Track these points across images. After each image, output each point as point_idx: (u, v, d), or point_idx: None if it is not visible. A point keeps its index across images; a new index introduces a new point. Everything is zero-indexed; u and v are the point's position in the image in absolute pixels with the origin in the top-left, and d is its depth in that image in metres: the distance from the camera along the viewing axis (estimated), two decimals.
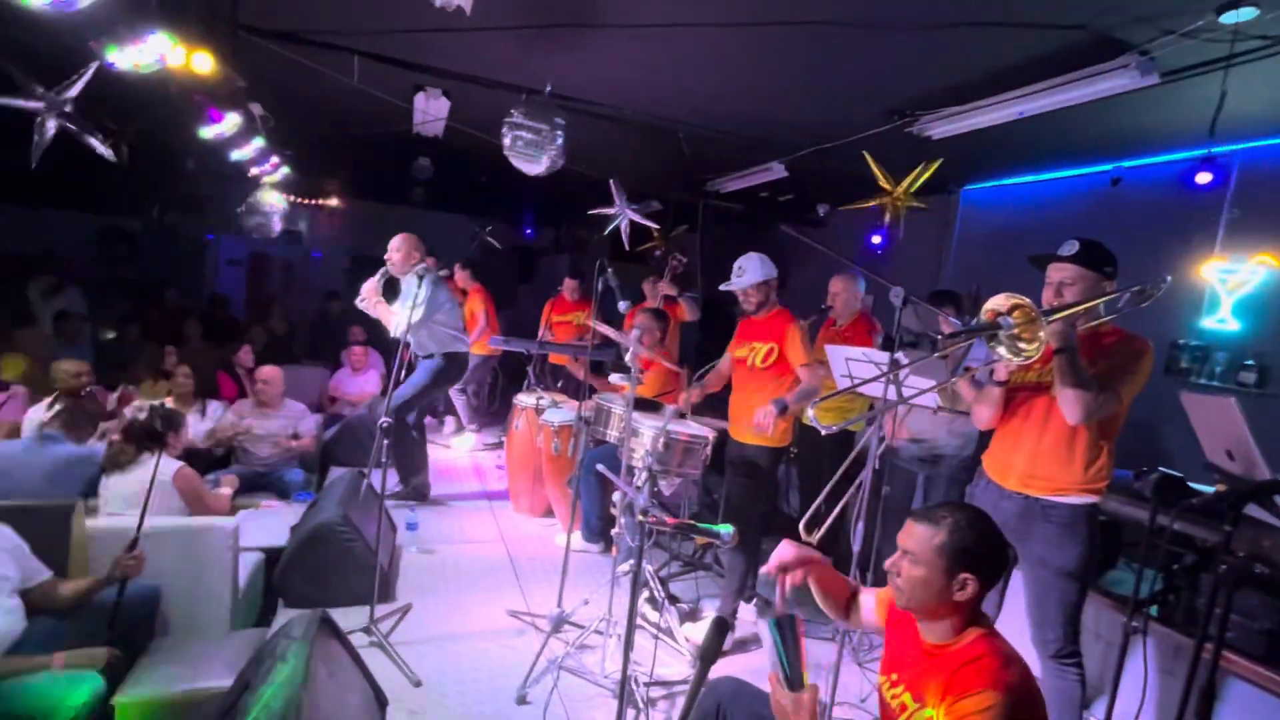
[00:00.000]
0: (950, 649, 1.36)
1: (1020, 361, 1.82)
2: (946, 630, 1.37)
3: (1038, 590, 2.13)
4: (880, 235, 5.11)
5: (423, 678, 2.40)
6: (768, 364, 2.86)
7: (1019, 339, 1.79)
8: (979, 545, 1.35)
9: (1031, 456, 2.10)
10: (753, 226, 6.64)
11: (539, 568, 3.42)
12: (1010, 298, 1.78)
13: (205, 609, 2.51)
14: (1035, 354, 1.75)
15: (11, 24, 1.61)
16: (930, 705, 1.31)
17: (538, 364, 4.88)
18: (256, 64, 3.28)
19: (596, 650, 2.59)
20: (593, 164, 4.64)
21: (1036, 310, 1.75)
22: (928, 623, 1.40)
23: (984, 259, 4.91)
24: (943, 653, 1.37)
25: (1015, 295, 1.77)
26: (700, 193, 6.01)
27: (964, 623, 1.37)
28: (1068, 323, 1.87)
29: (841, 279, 3.47)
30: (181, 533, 2.52)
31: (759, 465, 2.93)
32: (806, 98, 3.62)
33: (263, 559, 2.99)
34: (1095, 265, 1.95)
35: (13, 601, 1.99)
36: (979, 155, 4.23)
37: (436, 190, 6.97)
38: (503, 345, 4.72)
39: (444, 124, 4.24)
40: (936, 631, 1.39)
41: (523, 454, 4.04)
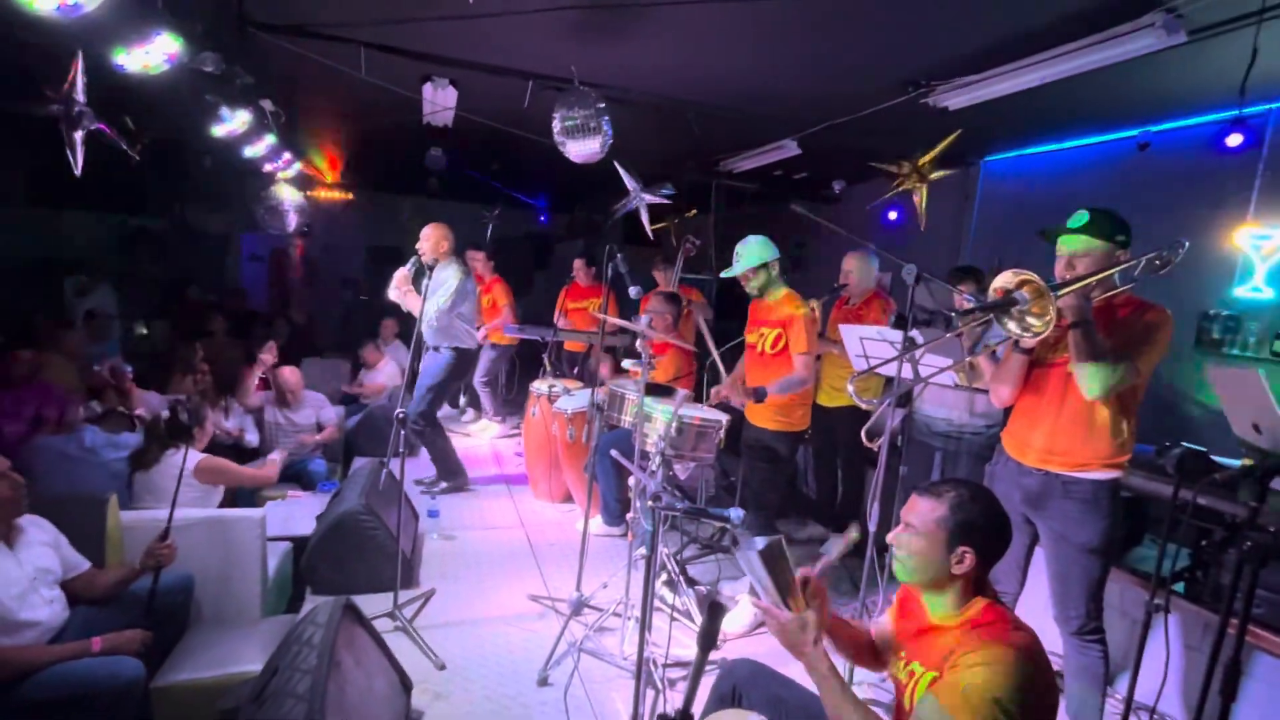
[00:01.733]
0: (957, 619, 1.37)
1: (1030, 338, 1.79)
2: (951, 602, 1.39)
3: (1059, 567, 2.11)
4: (896, 211, 5.00)
5: (446, 661, 2.46)
6: (777, 349, 2.85)
7: (1028, 314, 1.76)
8: (979, 520, 1.36)
9: (1050, 432, 2.07)
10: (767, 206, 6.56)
11: (558, 552, 3.47)
12: (1018, 274, 1.75)
13: (236, 596, 2.59)
14: (1045, 329, 1.73)
15: (22, 30, 1.65)
16: (936, 668, 1.32)
17: (553, 351, 4.90)
18: (265, 60, 3.31)
19: (615, 632, 2.63)
20: None
21: (1045, 285, 1.72)
22: (932, 595, 1.42)
23: (1007, 232, 4.78)
24: (951, 622, 1.38)
25: (1022, 271, 1.74)
26: (712, 173, 5.93)
27: (968, 595, 1.38)
28: (1081, 295, 1.83)
29: (854, 257, 3.42)
30: (211, 523, 2.60)
31: (776, 450, 2.93)
32: (818, 72, 3.54)
33: (290, 548, 3.08)
34: (1106, 235, 1.89)
35: (55, 592, 2.08)
36: (999, 125, 4.11)
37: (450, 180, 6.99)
38: (518, 334, 4.76)
39: (453, 113, 4.23)
40: (942, 604, 1.40)
41: (539, 441, 4.08)
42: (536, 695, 2.33)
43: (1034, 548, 2.31)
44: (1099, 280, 1.89)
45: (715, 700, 1.69)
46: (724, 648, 2.70)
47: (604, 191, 6.76)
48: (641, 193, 4.53)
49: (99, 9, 1.52)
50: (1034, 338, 1.79)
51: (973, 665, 1.24)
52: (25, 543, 2.03)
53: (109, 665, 1.91)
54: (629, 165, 4.53)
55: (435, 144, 5.21)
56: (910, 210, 3.87)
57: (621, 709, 2.27)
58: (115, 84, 2.46)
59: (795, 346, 2.80)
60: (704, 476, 4.04)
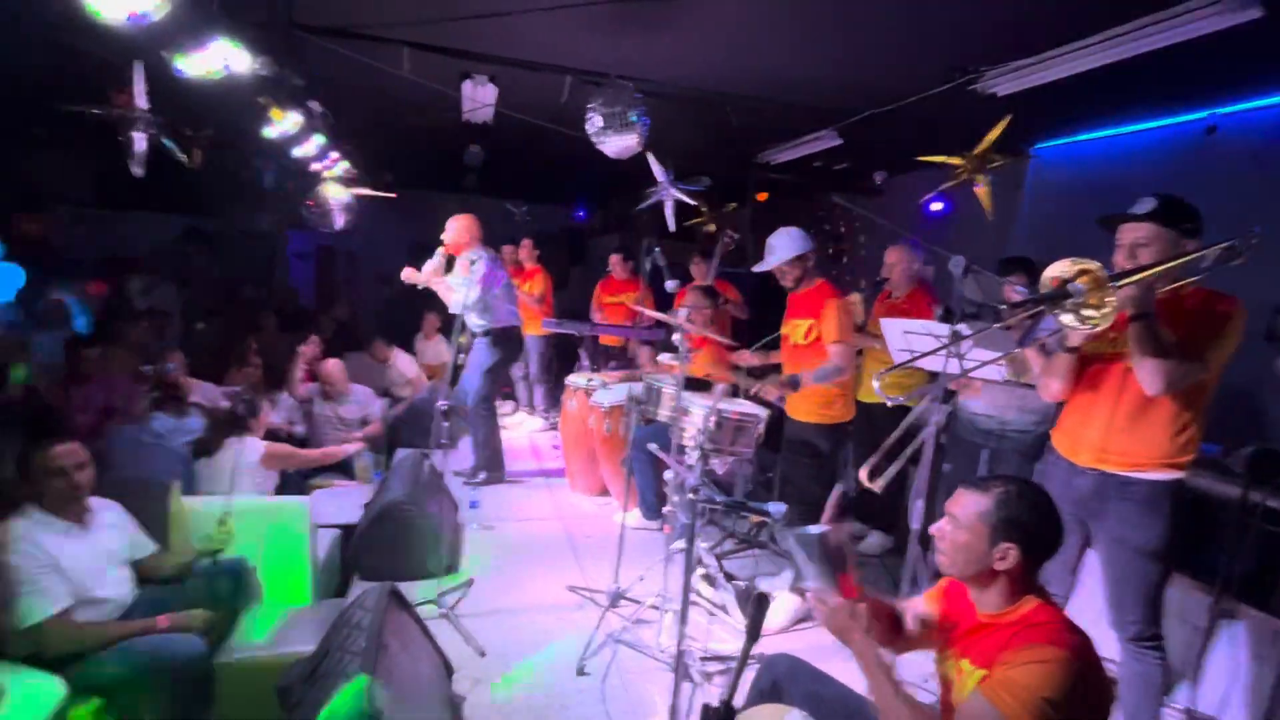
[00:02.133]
0: (1007, 616, 1.34)
1: (1087, 330, 1.72)
2: (999, 599, 1.36)
3: (1115, 571, 2.03)
4: (940, 202, 4.86)
5: (487, 648, 2.52)
6: (809, 341, 2.82)
7: (1085, 306, 1.69)
8: (1026, 517, 1.33)
9: (1106, 430, 1.99)
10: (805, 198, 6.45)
11: (596, 545, 3.50)
12: (1076, 263, 1.68)
13: (289, 580, 2.70)
14: (1103, 322, 1.65)
15: (87, 38, 1.74)
16: (985, 666, 1.30)
17: (590, 345, 4.94)
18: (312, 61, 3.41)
19: (653, 625, 2.64)
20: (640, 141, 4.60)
21: (1105, 275, 1.64)
22: (979, 592, 1.40)
23: (1060, 223, 4.58)
24: (999, 620, 1.35)
25: (1081, 260, 1.67)
26: (750, 166, 5.86)
27: (1017, 592, 1.35)
28: (1144, 286, 1.74)
29: (897, 249, 3.35)
30: (265, 509, 2.71)
31: (817, 445, 2.90)
32: (859, 60, 3.46)
33: (339, 535, 3.19)
34: (1173, 222, 1.80)
35: (124, 571, 2.20)
36: (1052, 110, 3.95)
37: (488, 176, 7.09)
38: (555, 328, 4.80)
39: (493, 110, 4.29)
40: (990, 601, 1.38)
41: (577, 435, 4.12)
42: (574, 684, 2.37)
43: (1085, 550, 2.23)
44: (1163, 271, 1.80)
45: (755, 695, 1.69)
46: (761, 642, 2.68)
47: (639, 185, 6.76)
48: (670, 186, 4.51)
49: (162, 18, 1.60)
50: (1091, 329, 1.72)
51: (1024, 664, 1.21)
52: (97, 524, 2.16)
53: (174, 642, 2.02)
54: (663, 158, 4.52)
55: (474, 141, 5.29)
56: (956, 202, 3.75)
57: (658, 700, 2.29)
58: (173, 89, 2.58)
59: (828, 335, 2.76)
60: (741, 472, 4.01)
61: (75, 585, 1.98)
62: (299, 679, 1.74)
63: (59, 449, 2.06)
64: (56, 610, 1.91)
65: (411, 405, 4.82)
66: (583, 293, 8.00)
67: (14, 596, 1.86)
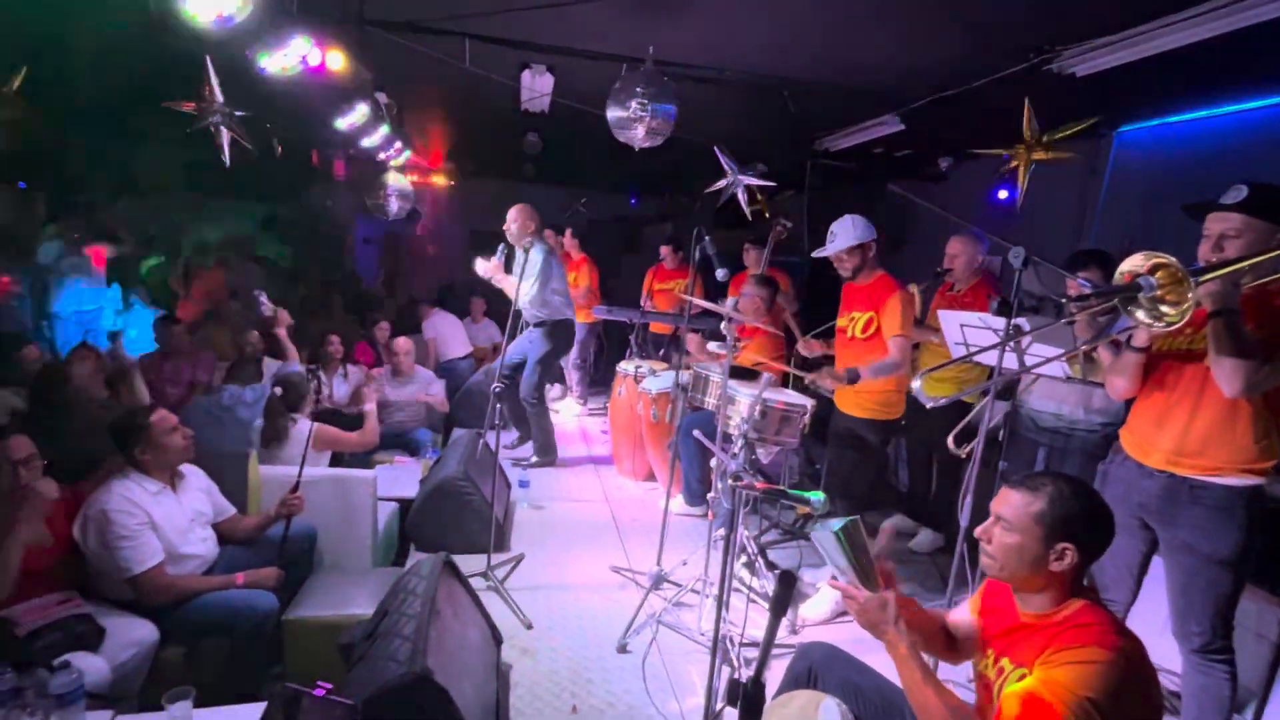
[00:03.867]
0: (1053, 617, 1.31)
1: (1162, 328, 1.63)
2: (1046, 601, 1.33)
3: (1182, 578, 1.94)
4: (1008, 190, 4.63)
5: (533, 620, 2.63)
6: (867, 334, 2.77)
7: (1161, 302, 1.61)
8: (1081, 515, 1.29)
9: (1180, 432, 1.90)
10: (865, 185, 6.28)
11: (640, 528, 3.57)
12: (1151, 256, 1.60)
13: (352, 547, 2.89)
14: (1179, 319, 1.57)
15: (177, 37, 1.89)
16: (1026, 665, 1.28)
17: (639, 332, 4.99)
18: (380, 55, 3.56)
19: (693, 609, 2.69)
20: (694, 129, 4.59)
21: (1184, 270, 1.56)
22: (1025, 594, 1.37)
23: (1142, 211, 4.31)
24: (1044, 621, 1.32)
25: (1157, 253, 1.59)
26: (807, 152, 5.75)
27: (1065, 593, 1.32)
28: (1228, 281, 1.64)
29: (960, 240, 3.23)
30: (333, 480, 2.90)
31: (866, 439, 2.86)
32: (925, 42, 3.33)
33: (397, 508, 3.37)
34: (1266, 213, 1.68)
35: (208, 532, 2.41)
36: (1137, 90, 3.70)
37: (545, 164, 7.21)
38: (605, 314, 4.87)
39: (549, 99, 4.37)
40: (1035, 602, 1.35)
41: (625, 420, 4.19)
42: (615, 660, 2.44)
43: (1151, 556, 2.13)
44: (1251, 265, 1.68)
45: (790, 680, 1.70)
46: (803, 634, 2.69)
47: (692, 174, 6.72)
48: (739, 175, 4.47)
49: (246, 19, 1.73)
50: (1166, 328, 1.64)
51: (1067, 663, 1.19)
52: (185, 488, 2.37)
53: (250, 597, 2.21)
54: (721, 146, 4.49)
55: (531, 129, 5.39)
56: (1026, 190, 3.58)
57: (697, 681, 2.33)
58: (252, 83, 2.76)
59: (889, 329, 2.70)
60: (787, 462, 3.99)
61: (167, 542, 2.18)
62: (360, 637, 1.87)
63: (156, 416, 2.27)
64: (153, 564, 2.11)
65: (466, 387, 5.00)
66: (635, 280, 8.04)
67: (116, 550, 2.07)
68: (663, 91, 3.31)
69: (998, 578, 1.39)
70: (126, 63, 3.76)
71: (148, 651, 2.05)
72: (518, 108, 4.50)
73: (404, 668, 1.56)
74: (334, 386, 4.24)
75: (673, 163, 5.93)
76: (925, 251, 6.14)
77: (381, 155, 4.63)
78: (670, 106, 3.29)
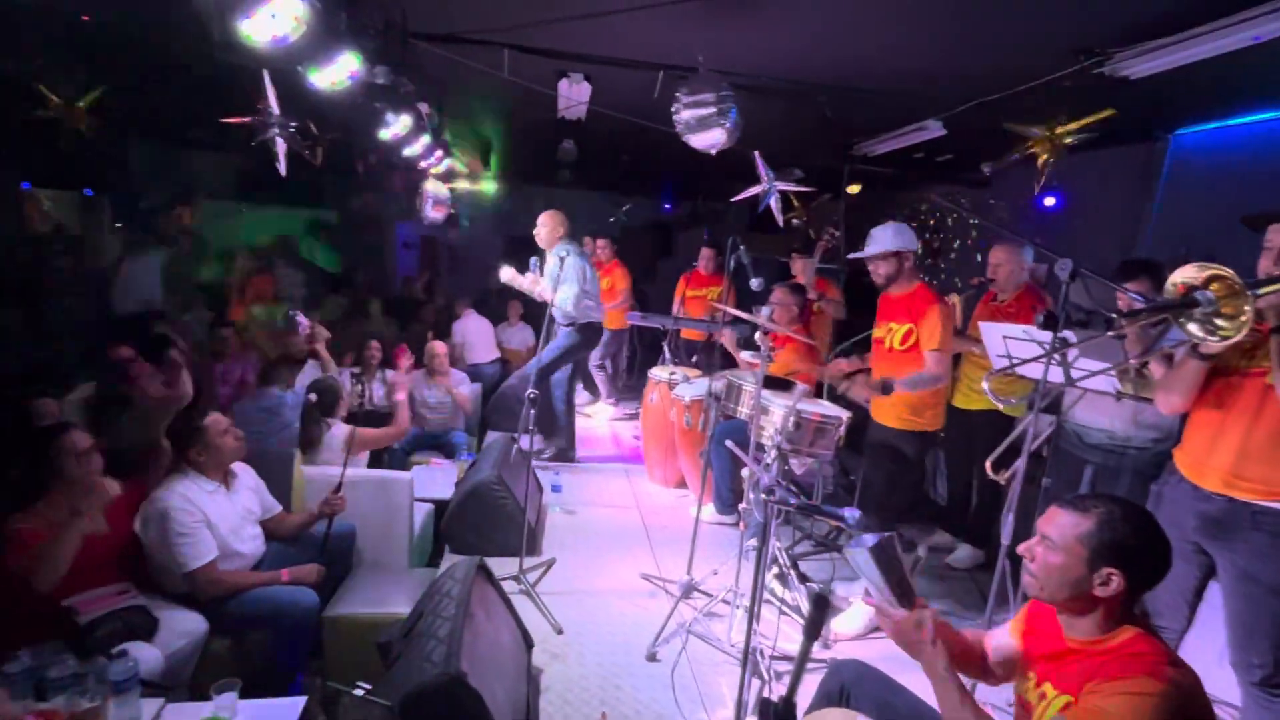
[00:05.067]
0: (1102, 644, 1.27)
1: (1217, 342, 1.57)
2: (1093, 627, 1.29)
3: (1241, 607, 1.87)
4: (1055, 196, 4.49)
5: (564, 626, 2.65)
6: (906, 346, 2.72)
7: (1217, 315, 1.55)
8: (1132, 541, 1.24)
9: (1239, 453, 1.82)
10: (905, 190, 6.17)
11: (671, 535, 3.57)
12: (1205, 268, 1.54)
13: (389, 547, 2.97)
14: (1235, 333, 1.51)
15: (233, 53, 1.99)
16: (1072, 693, 1.24)
17: (672, 338, 4.99)
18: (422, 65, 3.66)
19: (724, 619, 2.68)
20: None
21: (1241, 282, 1.50)
22: (1070, 618, 1.33)
23: (1200, 219, 4.13)
24: (1092, 648, 1.28)
25: (1211, 265, 1.53)
26: (845, 157, 5.68)
27: (1114, 620, 1.27)
28: None
29: (1004, 248, 3.15)
30: (372, 482, 2.99)
31: (902, 450, 2.81)
32: (970, 45, 3.27)
33: (433, 509, 3.46)
34: None
35: (256, 529, 2.52)
36: (1195, 92, 3.55)
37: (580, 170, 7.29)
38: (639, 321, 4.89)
39: (586, 107, 4.42)
40: (1082, 628, 1.30)
41: (657, 426, 4.20)
42: (645, 669, 2.45)
43: (1207, 581, 2.04)
44: None
45: (821, 697, 1.69)
46: (835, 649, 2.66)
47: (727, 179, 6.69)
48: (775, 181, 4.45)
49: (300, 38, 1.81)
50: (1221, 342, 1.58)
51: (1117, 694, 1.15)
52: (237, 487, 2.48)
53: (294, 594, 2.29)
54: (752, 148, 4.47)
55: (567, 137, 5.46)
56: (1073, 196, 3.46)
57: (726, 693, 2.33)
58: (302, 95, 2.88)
59: (928, 342, 2.66)
60: (822, 472, 3.94)
61: (220, 539, 2.29)
62: (396, 636, 1.93)
63: (210, 419, 2.38)
64: (207, 560, 2.21)
65: (501, 391, 5.09)
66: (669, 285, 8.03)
67: (174, 546, 2.17)
68: (717, 92, 3.34)
69: (1038, 598, 1.36)
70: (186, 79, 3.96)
71: (197, 642, 2.15)
72: (554, 115, 4.57)
73: (439, 669, 1.60)
74: (373, 391, 4.36)
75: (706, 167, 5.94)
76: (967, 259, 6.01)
77: (423, 164, 4.75)
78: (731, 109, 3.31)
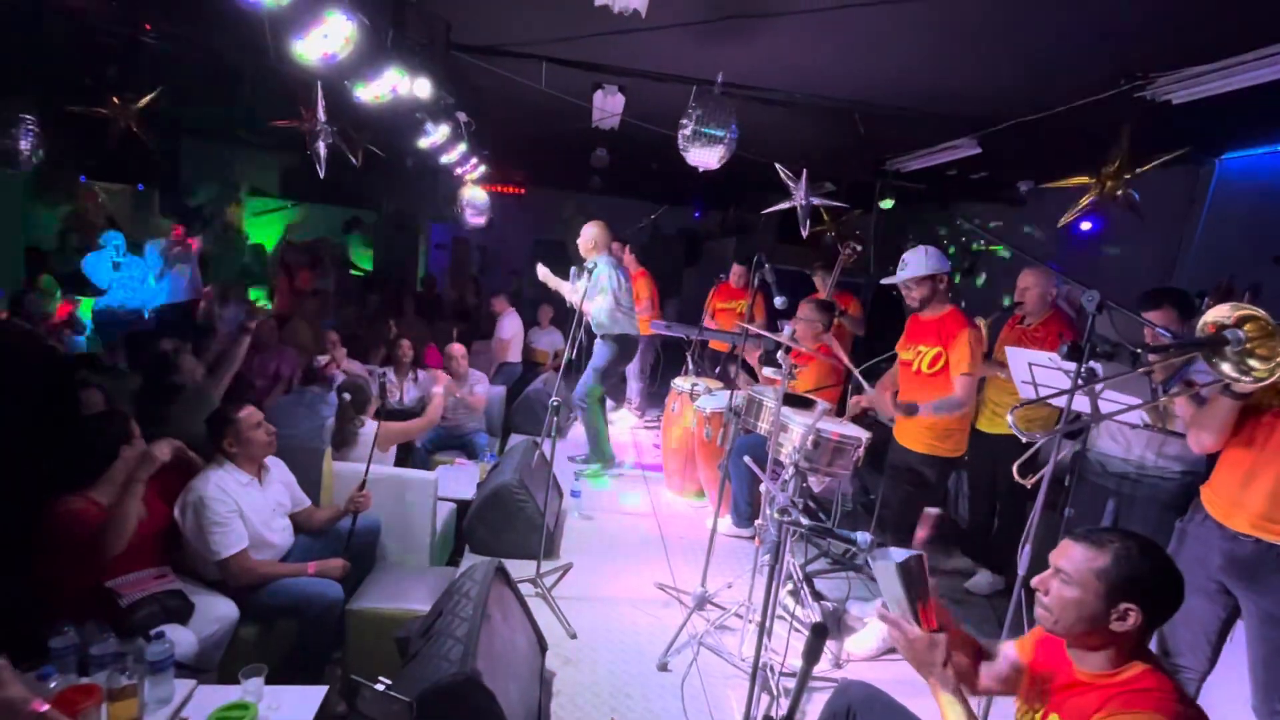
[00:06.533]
0: (1112, 678, 1.27)
1: (1250, 382, 1.56)
2: (1104, 661, 1.29)
3: (1266, 651, 1.84)
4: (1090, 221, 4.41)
5: (578, 631, 2.70)
6: (934, 370, 2.71)
7: (1249, 355, 1.54)
8: (1149, 577, 1.24)
9: (1271, 495, 1.80)
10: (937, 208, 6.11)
11: (687, 546, 3.59)
12: (1238, 308, 1.54)
13: (412, 544, 3.05)
14: (1269, 375, 1.51)
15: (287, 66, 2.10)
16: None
17: (697, 349, 5.01)
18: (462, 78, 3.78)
19: (736, 632, 2.70)
20: (762, 148, 4.61)
21: (1275, 324, 1.49)
22: (1081, 652, 1.32)
23: (1245, 247, 4.01)
24: (1102, 681, 1.28)
25: (1244, 305, 1.53)
26: (877, 172, 5.66)
27: (1125, 655, 1.27)
28: None
29: (1032, 272, 3.12)
30: (397, 480, 3.08)
31: (923, 474, 2.80)
32: (1007, 65, 3.26)
33: (454, 509, 3.54)
34: None
35: (285, 521, 2.61)
36: (1241, 117, 3.47)
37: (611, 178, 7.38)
38: (664, 330, 4.93)
39: (619, 118, 4.50)
40: (1093, 661, 1.30)
41: (678, 437, 4.23)
42: (656, 678, 2.48)
43: (1232, 622, 2.01)
44: None
45: (828, 716, 1.70)
46: (847, 669, 2.65)
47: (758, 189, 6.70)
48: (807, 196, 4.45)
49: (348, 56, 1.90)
50: (1255, 383, 1.57)
51: None
52: (269, 480, 2.58)
53: (319, 586, 2.38)
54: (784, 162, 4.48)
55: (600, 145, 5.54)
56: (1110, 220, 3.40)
57: (735, 707, 2.34)
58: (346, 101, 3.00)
59: (957, 367, 2.65)
60: (841, 489, 3.93)
61: (252, 530, 2.38)
62: (415, 633, 1.99)
63: (244, 412, 2.48)
64: (238, 549, 2.31)
65: (525, 395, 5.17)
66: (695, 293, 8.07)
67: (209, 534, 2.27)
68: (724, 115, 3.35)
69: (1052, 631, 1.36)
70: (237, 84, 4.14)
71: (228, 628, 2.24)
72: (588, 124, 4.65)
73: (455, 668, 1.66)
74: (405, 390, 4.46)
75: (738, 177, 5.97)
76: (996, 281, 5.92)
77: (459, 170, 4.87)
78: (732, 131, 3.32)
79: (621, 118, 4.50)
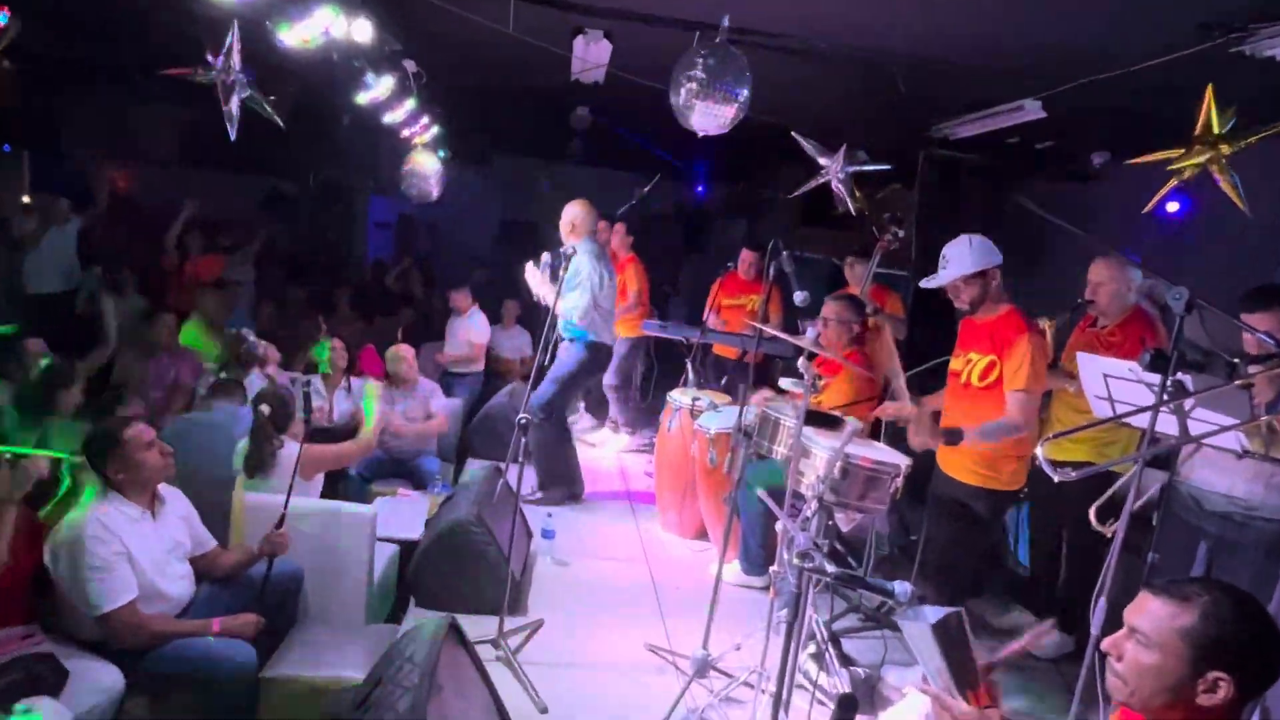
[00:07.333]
0: None
1: None
2: None
3: None
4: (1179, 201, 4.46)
5: (549, 705, 2.68)
6: (986, 383, 2.74)
7: None
8: (1247, 639, 1.24)
9: None
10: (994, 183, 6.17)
11: (685, 598, 3.59)
12: None
13: (342, 596, 3.03)
14: None
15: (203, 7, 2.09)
16: None
17: (699, 355, 5.02)
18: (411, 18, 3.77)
19: (745, 705, 2.69)
20: (778, 109, 4.65)
21: None
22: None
23: None
24: None
25: None
26: (920, 140, 5.72)
27: None
28: None
29: (1107, 264, 3.16)
30: (325, 515, 3.07)
31: (972, 509, 2.82)
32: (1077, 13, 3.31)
33: (397, 551, 3.52)
34: None
35: (185, 567, 2.60)
36: None
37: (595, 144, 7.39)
38: (658, 332, 4.94)
39: (605, 70, 4.52)
40: None
41: (674, 462, 4.23)
42: None
43: None
44: None
45: None
46: None
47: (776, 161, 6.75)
48: (839, 164, 4.47)
49: None
50: None
51: None
52: (164, 514, 2.56)
53: (226, 647, 2.36)
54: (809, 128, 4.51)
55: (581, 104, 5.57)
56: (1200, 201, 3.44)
57: None
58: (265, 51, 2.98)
59: (1012, 381, 2.67)
60: (875, 529, 3.94)
61: (142, 576, 2.36)
62: (348, 707, 1.97)
63: (132, 430, 2.46)
64: (124, 601, 2.29)
65: (487, 411, 5.16)
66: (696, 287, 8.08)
67: (86, 582, 2.25)
68: (733, 66, 3.37)
69: (1126, 704, 1.36)
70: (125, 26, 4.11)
71: (112, 701, 2.22)
72: (567, 79, 4.67)
73: None
74: (335, 402, 4.43)
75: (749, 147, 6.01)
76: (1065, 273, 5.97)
77: (406, 132, 4.87)
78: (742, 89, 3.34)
79: (608, 69, 4.52)
